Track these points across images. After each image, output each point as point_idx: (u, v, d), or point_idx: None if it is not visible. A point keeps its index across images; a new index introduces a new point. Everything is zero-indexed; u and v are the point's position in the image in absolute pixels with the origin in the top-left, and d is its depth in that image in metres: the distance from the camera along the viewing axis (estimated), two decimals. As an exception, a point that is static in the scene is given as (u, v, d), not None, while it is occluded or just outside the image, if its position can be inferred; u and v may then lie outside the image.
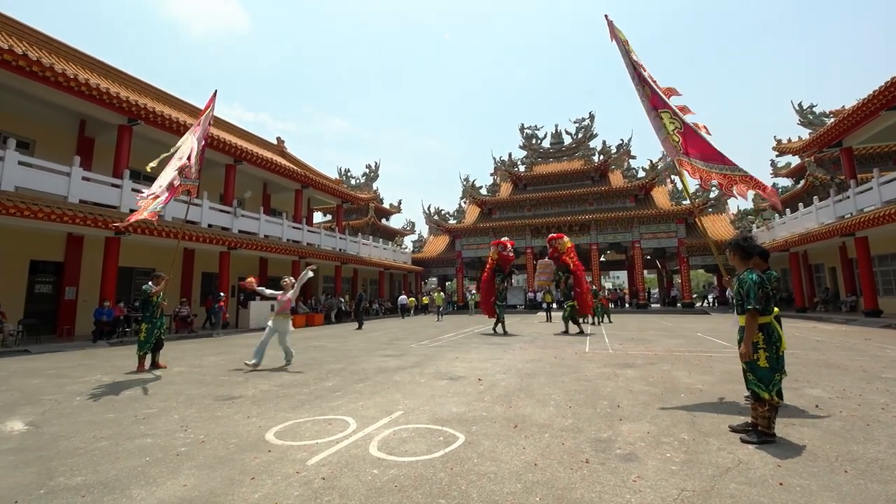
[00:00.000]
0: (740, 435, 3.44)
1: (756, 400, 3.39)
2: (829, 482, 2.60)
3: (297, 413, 4.36)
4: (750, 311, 3.34)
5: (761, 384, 3.35)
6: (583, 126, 35.17)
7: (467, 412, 4.30)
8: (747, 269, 3.52)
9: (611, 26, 5.44)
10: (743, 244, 3.61)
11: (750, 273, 3.47)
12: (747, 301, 3.36)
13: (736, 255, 3.64)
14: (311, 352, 9.57)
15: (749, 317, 3.36)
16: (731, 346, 9.25)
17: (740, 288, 3.47)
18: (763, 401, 3.33)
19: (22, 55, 10.60)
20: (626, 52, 5.26)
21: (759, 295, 3.34)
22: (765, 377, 3.35)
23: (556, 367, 6.91)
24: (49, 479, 2.80)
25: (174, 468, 2.96)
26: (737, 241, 3.66)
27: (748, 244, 3.62)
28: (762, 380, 3.35)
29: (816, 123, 20.50)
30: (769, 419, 3.32)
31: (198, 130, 7.88)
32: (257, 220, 18.98)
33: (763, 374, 3.35)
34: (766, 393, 3.32)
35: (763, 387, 3.34)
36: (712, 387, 5.30)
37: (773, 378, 3.34)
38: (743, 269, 3.57)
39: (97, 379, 6.49)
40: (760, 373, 3.37)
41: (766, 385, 3.33)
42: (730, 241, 3.75)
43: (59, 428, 3.99)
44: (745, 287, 3.40)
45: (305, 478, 2.76)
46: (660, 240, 28.62)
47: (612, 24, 5.43)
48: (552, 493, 2.51)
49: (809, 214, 20.03)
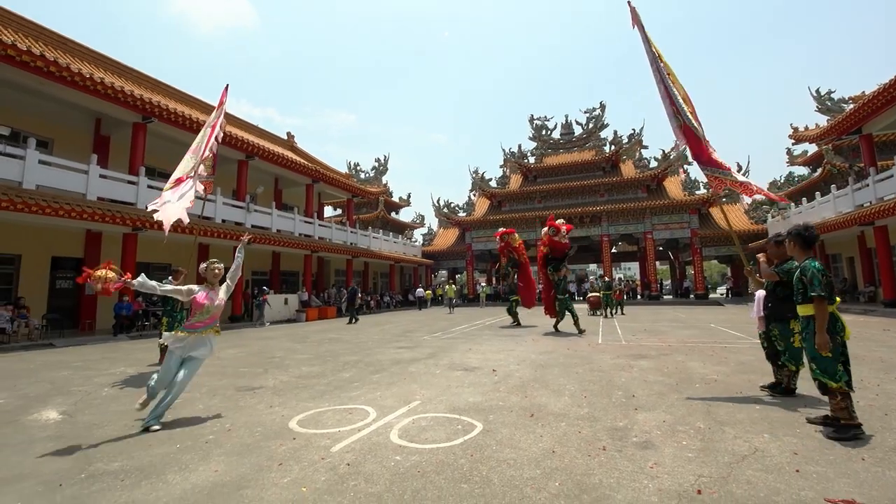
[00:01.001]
0: (822, 429, 3.29)
1: (826, 392, 3.31)
2: (847, 469, 2.63)
3: (318, 403, 4.48)
4: (816, 297, 3.24)
5: (826, 374, 3.26)
6: (593, 116, 34.75)
7: (483, 402, 4.37)
8: (808, 258, 3.45)
9: (633, 13, 5.30)
10: (805, 234, 3.54)
11: (812, 261, 3.40)
12: (811, 288, 3.27)
13: (797, 244, 3.57)
14: (326, 344, 9.74)
15: (818, 304, 3.26)
16: (746, 337, 9.19)
17: (802, 276, 3.39)
18: (833, 391, 3.24)
19: (39, 56, 10.81)
20: (647, 41, 5.15)
21: (823, 282, 3.25)
22: (829, 367, 3.25)
23: (569, 359, 6.95)
24: (88, 465, 2.94)
25: (204, 455, 3.08)
26: (798, 231, 3.57)
27: (809, 234, 3.55)
28: (827, 370, 3.25)
29: (835, 110, 20.01)
30: (848, 409, 3.20)
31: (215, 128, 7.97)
32: (270, 214, 19.19)
33: (827, 364, 3.26)
34: (834, 382, 3.22)
35: (829, 376, 3.24)
36: (727, 377, 5.31)
37: (836, 368, 3.23)
38: (803, 258, 3.50)
39: (122, 371, 6.71)
40: (824, 363, 3.27)
41: (832, 375, 3.23)
42: (790, 231, 3.66)
43: (92, 417, 4.15)
44: (809, 275, 3.32)
45: (331, 464, 2.86)
46: (672, 231, 28.30)
47: (634, 11, 5.29)
48: (571, 478, 2.58)
49: (827, 203, 19.65)
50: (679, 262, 36.74)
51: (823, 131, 19.95)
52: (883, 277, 16.13)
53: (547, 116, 36.63)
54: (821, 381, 3.32)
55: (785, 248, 3.99)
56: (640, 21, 5.25)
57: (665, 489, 2.42)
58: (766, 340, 4.59)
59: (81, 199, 12.03)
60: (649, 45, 5.14)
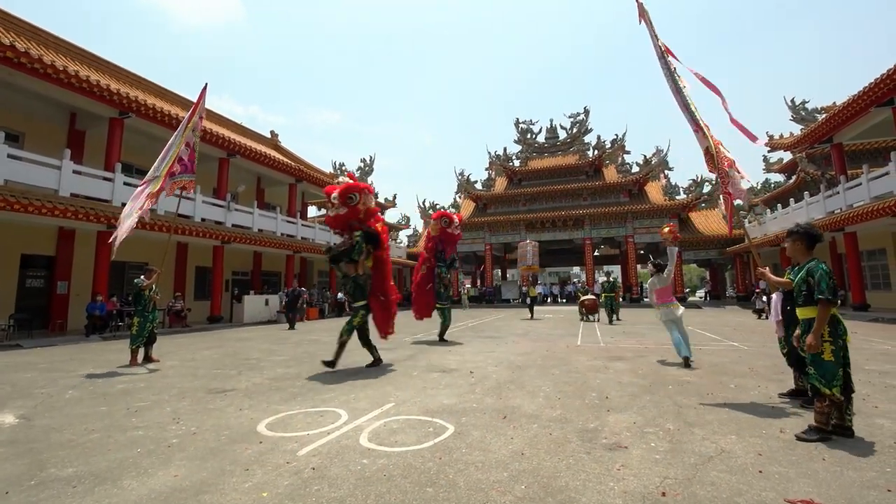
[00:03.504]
0: (796, 433, 3.28)
1: (816, 395, 3.25)
2: (808, 469, 2.68)
3: (290, 405, 4.40)
4: (823, 300, 3.16)
5: (823, 379, 3.18)
6: (577, 121, 35.17)
7: (458, 404, 4.35)
8: (814, 259, 3.38)
9: (640, 8, 5.25)
10: (812, 232, 3.45)
11: (819, 263, 3.31)
12: (818, 290, 3.19)
13: (802, 243, 3.46)
14: (305, 346, 9.59)
15: (822, 307, 3.18)
16: (721, 340, 9.38)
17: (809, 277, 3.30)
18: (823, 396, 3.18)
19: (9, 46, 10.45)
20: (654, 36, 5.13)
21: (830, 285, 3.17)
22: (829, 372, 3.17)
23: (547, 360, 6.98)
24: (40, 471, 2.82)
25: (166, 459, 2.99)
26: (805, 229, 3.48)
27: (816, 231, 3.46)
28: (825, 375, 3.17)
29: (809, 119, 20.62)
30: (827, 415, 3.18)
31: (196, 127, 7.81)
32: (251, 214, 18.88)
33: (827, 369, 3.18)
34: (828, 388, 3.15)
35: (825, 382, 3.17)
36: (699, 379, 5.39)
37: (836, 373, 3.17)
38: (805, 259, 3.43)
39: (90, 373, 6.49)
40: (825, 367, 3.19)
41: (830, 380, 3.16)
42: (795, 230, 3.52)
43: (51, 421, 4.00)
44: (817, 276, 3.23)
45: (295, 468, 2.80)
46: (653, 234, 28.74)
47: (641, 6, 5.25)
48: (538, 480, 2.57)
49: (800, 210, 20.22)
50: (660, 266, 37.34)
51: (797, 140, 20.55)
52: (852, 282, 16.65)
53: (532, 120, 37.03)
54: (815, 386, 3.25)
55: None
56: (647, 17, 5.19)
57: (630, 491, 2.42)
58: (786, 346, 4.40)
59: (54, 195, 11.65)
60: (657, 41, 5.10)
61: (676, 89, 4.91)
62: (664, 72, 5.05)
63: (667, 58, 5.00)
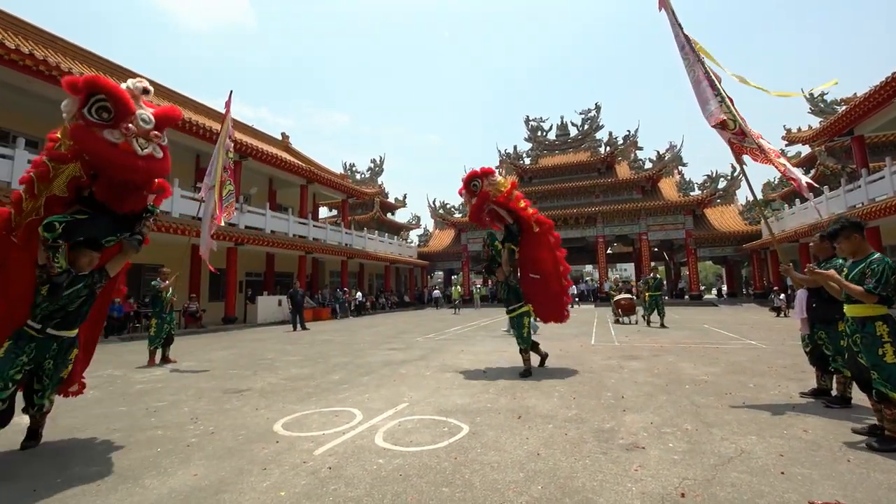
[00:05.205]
0: (865, 440, 3.06)
1: (882, 401, 3.02)
2: (832, 471, 2.61)
3: (305, 405, 4.43)
4: (870, 293, 2.99)
5: (888, 384, 2.97)
6: (589, 117, 34.84)
7: (472, 403, 4.34)
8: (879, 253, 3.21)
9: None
10: (861, 222, 3.28)
11: (885, 257, 3.13)
12: (875, 283, 3.00)
13: (859, 234, 3.27)
14: (318, 346, 9.68)
15: (866, 296, 3.01)
16: (738, 338, 9.22)
17: (868, 269, 3.09)
18: (891, 402, 2.97)
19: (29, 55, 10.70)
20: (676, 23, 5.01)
21: (891, 281, 2.99)
22: (893, 374, 2.96)
23: (561, 359, 6.93)
24: (65, 469, 2.89)
25: (185, 458, 3.03)
26: (852, 221, 3.29)
27: (862, 220, 3.31)
28: (890, 378, 2.97)
29: (828, 111, 20.12)
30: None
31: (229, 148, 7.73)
32: (264, 215, 19.09)
33: (891, 372, 2.97)
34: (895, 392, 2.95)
35: (891, 386, 2.96)
36: (717, 378, 5.30)
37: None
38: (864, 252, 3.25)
39: (109, 373, 6.63)
40: (888, 370, 2.98)
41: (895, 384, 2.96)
42: (844, 225, 3.30)
43: (74, 420, 4.09)
44: (879, 269, 3.03)
45: (312, 467, 2.82)
46: (667, 231, 28.40)
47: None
48: (554, 481, 2.55)
49: (820, 204, 19.74)
50: (674, 263, 36.88)
51: (816, 133, 20.06)
52: (875, 278, 16.20)
53: (542, 118, 36.68)
54: (880, 391, 3.02)
55: (829, 245, 3.69)
56: (668, 3, 5.06)
57: (648, 492, 2.39)
58: (810, 344, 4.27)
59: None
60: (680, 29, 4.97)
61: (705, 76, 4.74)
62: (685, 62, 4.92)
63: (693, 47, 4.86)
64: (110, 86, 3.13)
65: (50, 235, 3.03)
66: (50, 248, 3.10)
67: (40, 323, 3.16)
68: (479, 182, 6.42)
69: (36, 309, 3.15)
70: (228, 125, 7.65)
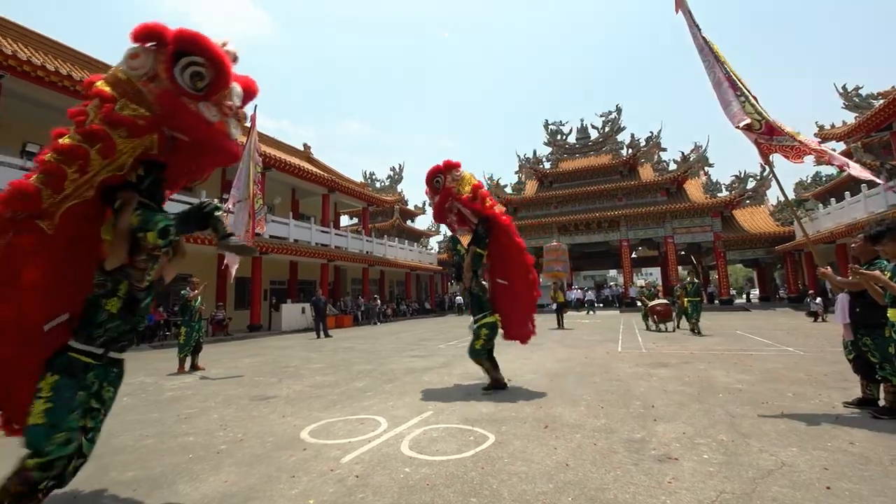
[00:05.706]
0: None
1: None
2: (883, 486, 2.46)
3: (330, 413, 4.47)
4: None
5: None
6: (609, 120, 34.36)
7: (497, 412, 4.29)
8: None
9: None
10: None
11: None
12: None
13: None
14: (341, 353, 9.77)
15: None
16: (773, 344, 8.85)
17: None
18: None
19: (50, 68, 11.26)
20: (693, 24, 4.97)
21: None
22: None
23: (586, 367, 6.80)
24: (104, 474, 2.98)
25: (215, 465, 3.09)
26: None
27: None
28: None
29: (863, 106, 19.28)
30: None
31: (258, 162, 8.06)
32: (287, 225, 19.50)
33: None
34: None
35: None
36: (752, 386, 5.09)
37: None
38: None
39: (141, 380, 6.84)
40: None
41: None
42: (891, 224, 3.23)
43: (109, 426, 4.19)
44: None
45: (339, 475, 2.83)
46: (694, 234, 27.61)
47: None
48: (584, 493, 2.48)
49: (857, 203, 18.89)
50: (702, 267, 35.81)
51: (851, 129, 19.27)
52: (920, 280, 15.36)
53: (562, 121, 36.42)
54: None
55: (871, 246, 3.56)
56: (685, 6, 5.03)
57: (684, 506, 2.30)
58: (853, 351, 4.09)
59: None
60: (698, 30, 4.93)
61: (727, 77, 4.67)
62: (705, 64, 4.85)
63: (712, 48, 4.79)
64: (212, 47, 2.36)
65: (164, 242, 2.38)
66: (153, 257, 2.52)
67: (102, 347, 2.43)
68: (442, 178, 5.89)
69: (98, 329, 2.38)
70: (255, 139, 7.89)
